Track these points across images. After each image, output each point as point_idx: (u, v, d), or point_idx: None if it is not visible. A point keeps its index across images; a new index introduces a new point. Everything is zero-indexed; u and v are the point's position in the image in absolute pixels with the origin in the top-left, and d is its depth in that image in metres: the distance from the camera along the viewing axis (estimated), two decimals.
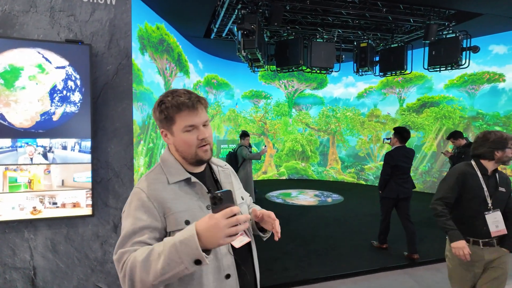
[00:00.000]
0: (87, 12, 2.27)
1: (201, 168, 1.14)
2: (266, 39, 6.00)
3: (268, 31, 6.03)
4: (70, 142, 2.17)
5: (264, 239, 1.25)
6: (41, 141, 2.11)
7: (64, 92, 2.13)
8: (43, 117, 2.08)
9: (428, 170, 8.00)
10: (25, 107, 2.05)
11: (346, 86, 9.51)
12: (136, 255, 0.88)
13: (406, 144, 3.99)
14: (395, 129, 3.94)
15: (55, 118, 2.11)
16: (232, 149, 5.74)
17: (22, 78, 2.04)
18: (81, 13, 2.26)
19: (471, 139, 7.25)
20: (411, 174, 4.10)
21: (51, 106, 2.10)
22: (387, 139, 4.08)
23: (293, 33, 5.98)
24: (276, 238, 1.12)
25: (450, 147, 7.56)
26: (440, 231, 4.74)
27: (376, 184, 5.13)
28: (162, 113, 1.04)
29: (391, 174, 3.79)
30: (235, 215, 0.83)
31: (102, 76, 2.31)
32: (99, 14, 2.30)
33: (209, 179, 1.15)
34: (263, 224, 1.17)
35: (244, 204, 1.22)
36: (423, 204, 6.53)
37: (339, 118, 9.60)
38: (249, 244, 1.13)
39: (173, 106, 1.02)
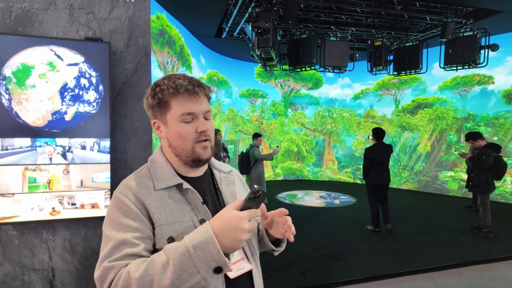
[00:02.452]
0: (106, 10, 2.23)
1: (199, 172, 0.93)
2: (279, 38, 5.94)
3: (280, 30, 5.96)
4: (89, 141, 2.13)
5: (276, 253, 1.04)
6: (60, 141, 2.08)
7: (76, 90, 2.07)
8: (54, 116, 2.04)
9: (422, 169, 8.13)
10: (35, 106, 2.01)
11: (342, 87, 9.60)
12: (129, 270, 0.69)
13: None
14: (372, 130, 4.75)
15: (67, 118, 2.07)
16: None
17: (32, 77, 2.00)
18: (100, 10, 2.22)
19: (463, 140, 7.36)
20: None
21: (62, 105, 2.05)
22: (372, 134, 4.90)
23: (306, 32, 5.91)
24: (292, 239, 0.91)
25: (444, 147, 7.57)
26: (457, 234, 4.59)
27: None
28: (156, 96, 0.85)
29: (371, 165, 4.58)
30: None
31: (121, 74, 2.27)
32: (118, 12, 2.26)
33: (209, 186, 0.95)
34: (273, 230, 0.95)
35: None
36: (424, 204, 6.41)
37: (335, 118, 9.67)
38: (250, 273, 0.91)
39: (170, 88, 0.83)
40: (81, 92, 2.09)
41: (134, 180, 0.86)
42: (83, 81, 2.09)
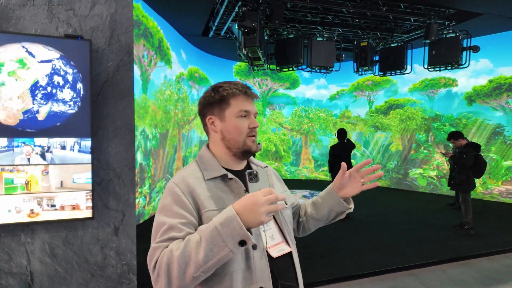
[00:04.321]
0: (86, 6, 2.18)
1: (240, 166, 1.06)
2: (266, 38, 5.94)
3: (267, 30, 5.96)
4: (69, 141, 2.08)
5: (345, 214, 1.14)
6: (39, 141, 2.02)
7: (49, 88, 2.00)
8: (25, 115, 1.97)
9: (394, 167, 8.53)
10: (5, 104, 1.93)
11: (318, 88, 9.85)
12: (172, 249, 0.82)
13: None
14: (337, 130, 5.54)
15: (40, 117, 1.99)
16: None
17: (1, 74, 1.92)
18: (81, 7, 2.17)
19: (430, 139, 7.78)
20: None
21: (33, 104, 1.97)
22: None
23: (293, 32, 5.93)
24: (375, 183, 1.08)
25: (414, 146, 7.79)
26: (440, 231, 4.69)
27: None
28: (218, 94, 1.00)
29: (335, 161, 5.28)
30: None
31: (103, 73, 2.22)
32: (99, 9, 2.21)
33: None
34: (345, 190, 1.09)
35: (288, 210, 1.11)
36: (402, 201, 6.54)
37: (312, 118, 9.88)
38: (291, 255, 1.02)
39: (232, 89, 1.00)
40: (54, 91, 2.01)
41: (187, 172, 1.00)
42: (57, 79, 2.01)
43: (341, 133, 5.43)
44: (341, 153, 5.34)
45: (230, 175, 0.99)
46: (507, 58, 6.62)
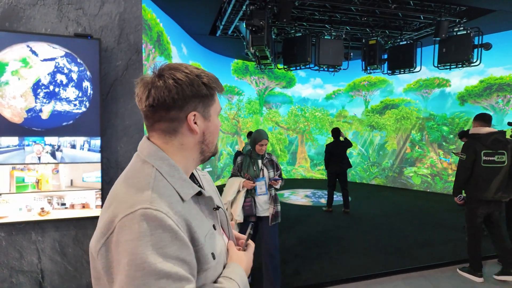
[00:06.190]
0: (96, 6, 2.18)
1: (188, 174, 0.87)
2: (274, 37, 5.91)
3: (275, 28, 5.94)
4: (79, 140, 2.09)
5: None
6: (49, 140, 2.02)
7: (51, 87, 2.00)
8: (29, 114, 1.97)
9: (390, 166, 8.67)
10: (10, 103, 1.94)
11: (314, 87, 9.88)
12: None
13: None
14: (331, 129, 5.84)
15: (43, 116, 1.99)
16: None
17: (6, 74, 1.93)
18: (90, 6, 2.17)
19: (425, 138, 7.86)
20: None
21: (35, 102, 1.98)
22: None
23: (301, 30, 5.89)
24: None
25: (409, 145, 7.65)
26: (449, 232, 4.61)
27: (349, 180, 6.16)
28: (206, 86, 0.76)
29: (331, 158, 5.67)
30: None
31: (112, 72, 2.22)
32: (109, 8, 2.21)
33: None
34: None
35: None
36: (410, 201, 6.44)
37: (308, 117, 9.91)
38: None
39: (216, 83, 0.79)
40: (57, 89, 2.01)
41: (164, 191, 0.70)
42: (60, 77, 2.01)
43: (334, 132, 5.74)
44: (335, 150, 5.65)
45: (204, 192, 0.78)
46: (497, 59, 6.68)
